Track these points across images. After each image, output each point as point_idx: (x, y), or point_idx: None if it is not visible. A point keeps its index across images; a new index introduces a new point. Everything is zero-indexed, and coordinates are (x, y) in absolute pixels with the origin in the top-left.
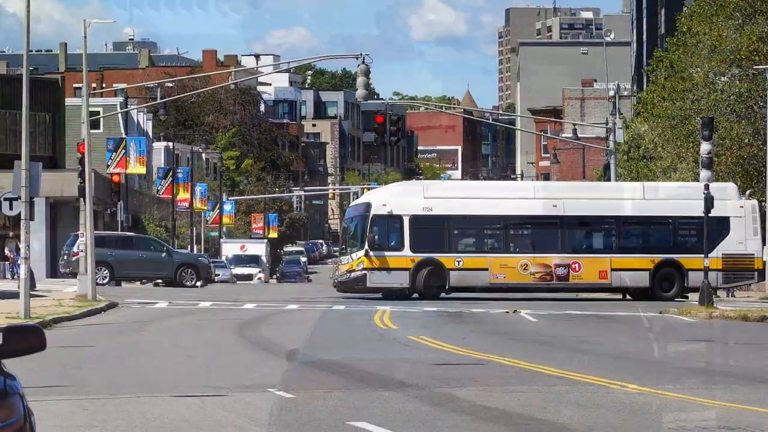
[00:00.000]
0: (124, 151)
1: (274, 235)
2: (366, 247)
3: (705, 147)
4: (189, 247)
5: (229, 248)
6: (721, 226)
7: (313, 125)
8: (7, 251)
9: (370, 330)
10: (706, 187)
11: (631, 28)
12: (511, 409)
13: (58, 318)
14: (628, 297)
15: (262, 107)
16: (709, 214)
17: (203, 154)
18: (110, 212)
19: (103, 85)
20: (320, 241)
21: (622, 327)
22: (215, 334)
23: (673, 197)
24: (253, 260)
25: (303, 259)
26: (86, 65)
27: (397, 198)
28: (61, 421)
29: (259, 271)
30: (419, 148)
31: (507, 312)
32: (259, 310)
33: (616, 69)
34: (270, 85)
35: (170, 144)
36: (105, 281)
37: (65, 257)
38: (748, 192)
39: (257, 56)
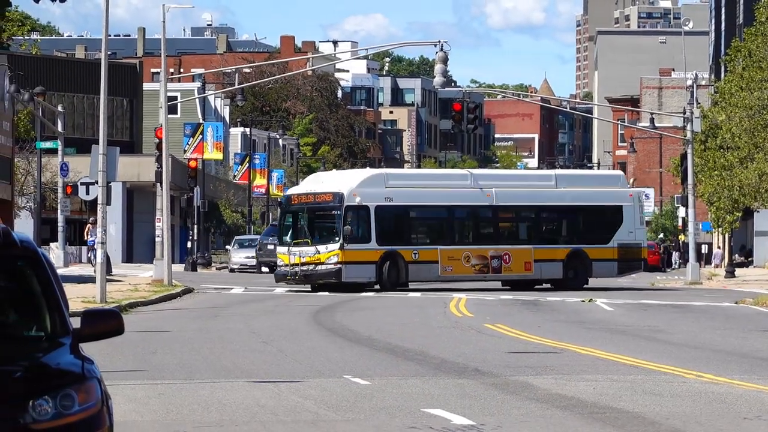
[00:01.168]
0: (201, 136)
1: None
2: (341, 240)
3: None
4: None
5: None
6: (617, 216)
7: (390, 112)
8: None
9: (445, 317)
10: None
11: (709, 18)
12: (586, 398)
13: (133, 303)
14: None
15: (340, 94)
16: (606, 204)
17: (280, 140)
18: (186, 197)
19: (181, 70)
20: None
21: (697, 316)
22: (290, 320)
23: (578, 185)
24: None
25: None
26: (164, 50)
27: (363, 188)
28: (137, 405)
29: None
30: (496, 135)
31: (582, 301)
32: (333, 296)
33: (694, 58)
34: (348, 71)
35: (247, 130)
36: None
37: (260, 248)
38: (632, 180)
39: (335, 43)
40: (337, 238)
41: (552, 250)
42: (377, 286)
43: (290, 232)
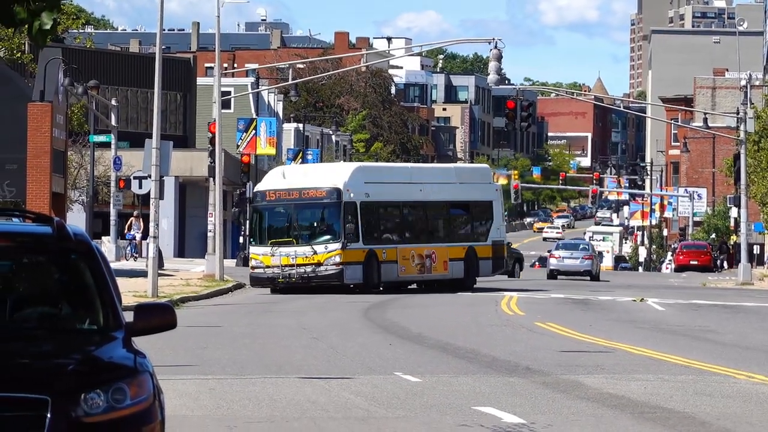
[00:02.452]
0: (254, 131)
1: None
2: (342, 239)
3: None
4: None
5: None
6: (491, 212)
7: (444, 109)
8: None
9: (496, 316)
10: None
11: (763, 18)
12: (637, 398)
13: (185, 297)
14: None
15: (393, 90)
16: (486, 199)
17: (333, 136)
18: (239, 192)
19: (235, 65)
20: None
21: (748, 317)
22: (341, 316)
23: (470, 180)
24: None
25: None
26: (219, 45)
27: (352, 182)
28: (188, 400)
29: None
30: (549, 134)
31: (634, 300)
32: (384, 293)
33: (748, 58)
34: (401, 68)
35: (300, 125)
36: None
37: None
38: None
39: (389, 39)
40: (336, 238)
41: (459, 248)
42: (357, 289)
43: (269, 231)
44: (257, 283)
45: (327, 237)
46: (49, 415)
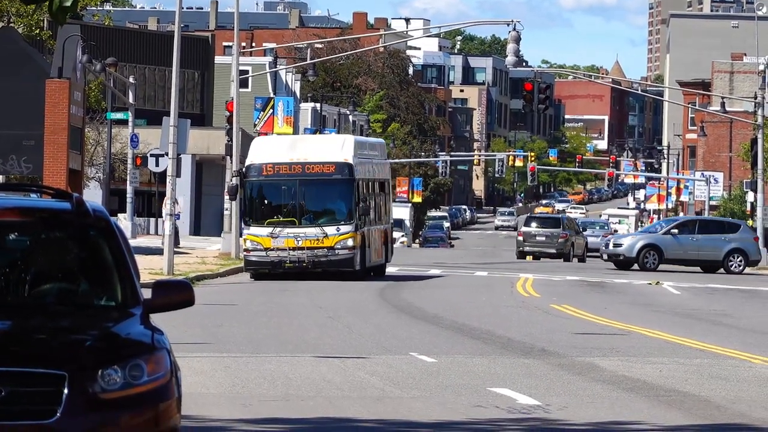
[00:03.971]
0: (271, 110)
1: (418, 199)
2: (355, 220)
3: None
4: None
5: None
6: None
7: (461, 90)
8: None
9: (512, 297)
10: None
11: None
12: (652, 381)
13: (200, 275)
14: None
15: (411, 71)
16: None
17: (350, 117)
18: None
19: (253, 44)
20: (464, 206)
21: (765, 301)
22: (357, 296)
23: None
24: (397, 224)
25: (446, 224)
26: (237, 24)
27: (356, 157)
28: (204, 378)
29: (402, 235)
30: (566, 116)
31: (649, 283)
32: (400, 273)
33: (767, 43)
34: (419, 49)
35: (318, 105)
36: None
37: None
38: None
39: (407, 20)
40: (348, 219)
41: (379, 231)
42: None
43: (268, 210)
44: (255, 266)
45: (339, 217)
46: (66, 391)
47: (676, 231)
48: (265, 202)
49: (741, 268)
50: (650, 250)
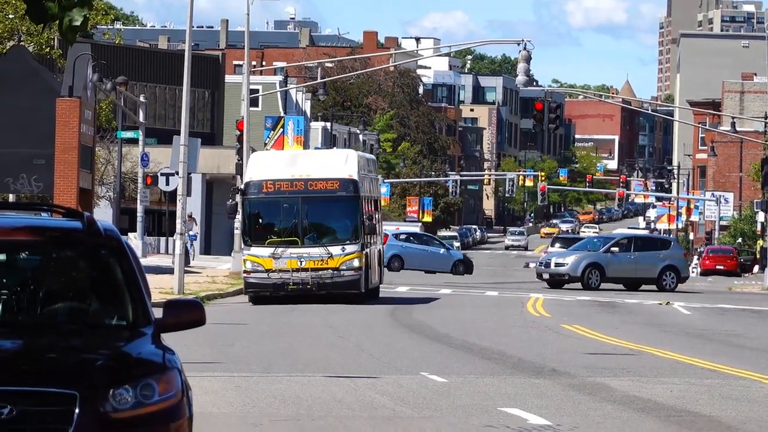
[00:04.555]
0: (282, 129)
1: (428, 219)
2: (361, 240)
3: None
4: None
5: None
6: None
7: (471, 110)
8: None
9: (522, 317)
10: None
11: None
12: (663, 401)
13: (211, 295)
14: None
15: (421, 90)
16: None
17: (360, 136)
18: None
19: (263, 63)
20: (474, 226)
21: None
22: (367, 315)
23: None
24: None
25: (456, 244)
26: (248, 43)
27: (359, 173)
28: (214, 397)
29: None
30: (576, 136)
31: (660, 303)
32: (411, 293)
33: None
34: (429, 68)
35: (328, 124)
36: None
37: None
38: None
39: (417, 39)
40: (354, 238)
41: (377, 251)
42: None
43: (268, 229)
44: (256, 289)
45: (343, 237)
46: (77, 410)
47: (616, 249)
48: (266, 220)
49: (674, 285)
50: (593, 269)
